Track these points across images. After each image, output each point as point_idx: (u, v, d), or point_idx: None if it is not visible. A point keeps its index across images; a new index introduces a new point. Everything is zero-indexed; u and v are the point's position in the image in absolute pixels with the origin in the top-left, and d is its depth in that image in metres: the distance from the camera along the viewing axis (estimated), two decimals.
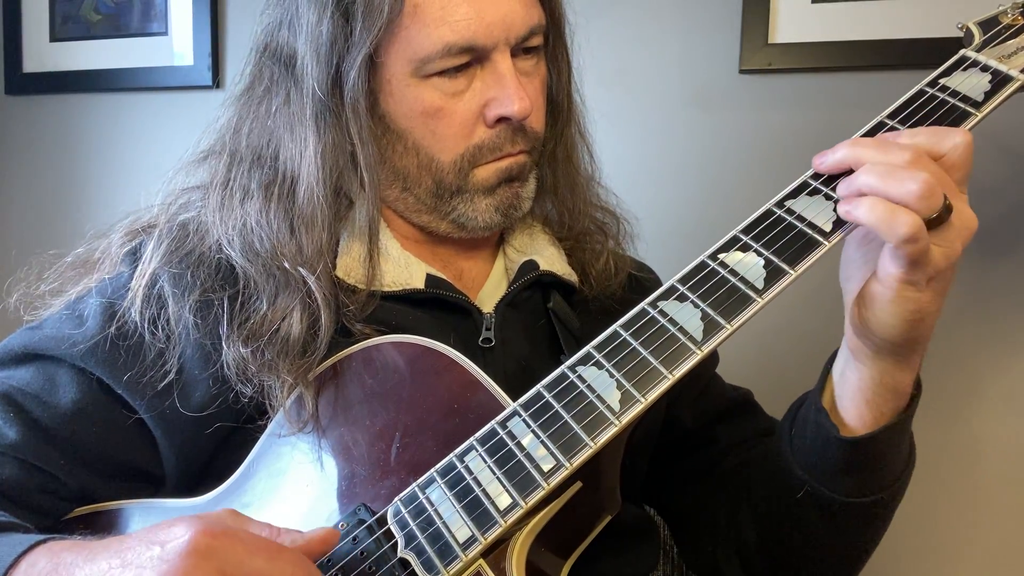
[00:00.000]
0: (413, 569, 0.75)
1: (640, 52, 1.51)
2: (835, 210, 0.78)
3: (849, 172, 0.78)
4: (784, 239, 0.78)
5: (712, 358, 1.12)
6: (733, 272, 0.78)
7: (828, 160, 0.80)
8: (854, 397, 0.85)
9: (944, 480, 1.34)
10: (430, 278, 0.96)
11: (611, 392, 0.76)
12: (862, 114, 0.86)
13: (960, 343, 1.32)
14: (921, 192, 0.72)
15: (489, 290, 1.03)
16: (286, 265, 0.90)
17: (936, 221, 0.73)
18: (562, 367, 0.79)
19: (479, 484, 0.76)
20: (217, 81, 1.79)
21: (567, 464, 0.74)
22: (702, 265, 0.80)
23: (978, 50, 0.88)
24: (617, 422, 0.74)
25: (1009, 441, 1.31)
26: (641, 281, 1.13)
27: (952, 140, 0.76)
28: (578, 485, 0.78)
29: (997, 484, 1.32)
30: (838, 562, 0.95)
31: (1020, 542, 1.32)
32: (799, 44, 1.41)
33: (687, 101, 1.49)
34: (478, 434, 0.79)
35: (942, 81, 0.85)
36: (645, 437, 1.05)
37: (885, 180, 0.74)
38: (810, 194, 0.80)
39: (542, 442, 0.76)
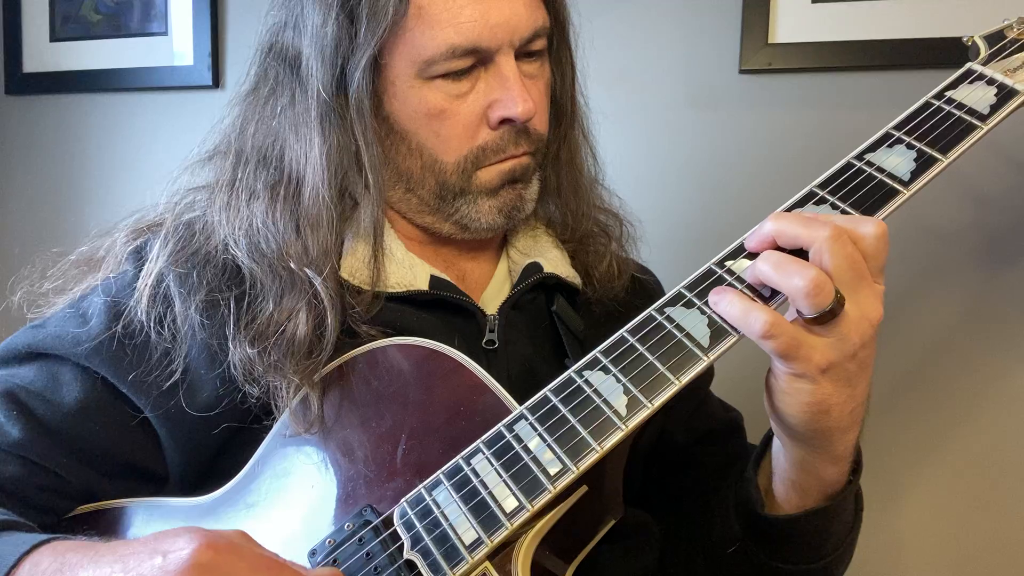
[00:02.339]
0: (419, 571, 0.75)
1: (640, 52, 1.51)
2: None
3: None
4: None
5: (708, 372, 1.12)
6: (740, 279, 0.78)
7: (756, 237, 0.79)
8: (782, 479, 0.87)
9: (950, 483, 1.35)
10: (434, 279, 0.97)
11: (618, 397, 0.76)
12: (862, 114, 0.86)
13: (966, 349, 1.32)
14: (807, 289, 0.71)
15: (492, 292, 1.04)
16: (292, 266, 0.90)
17: (826, 316, 0.72)
18: (569, 371, 0.79)
19: (486, 487, 0.76)
20: (217, 81, 1.79)
21: (574, 468, 0.74)
22: (709, 272, 0.80)
23: (984, 63, 0.89)
24: (623, 427, 0.75)
25: (1016, 445, 1.31)
26: (644, 283, 1.13)
27: (863, 230, 0.75)
28: (584, 489, 0.78)
29: (1004, 487, 1.32)
30: None
31: None
32: (799, 44, 1.41)
33: (687, 101, 1.49)
34: (485, 437, 0.79)
35: (948, 94, 0.85)
36: (647, 443, 1.05)
37: (776, 271, 0.74)
38: (816, 203, 0.81)
39: (549, 446, 0.76)
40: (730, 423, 1.14)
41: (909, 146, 0.82)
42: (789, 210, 0.81)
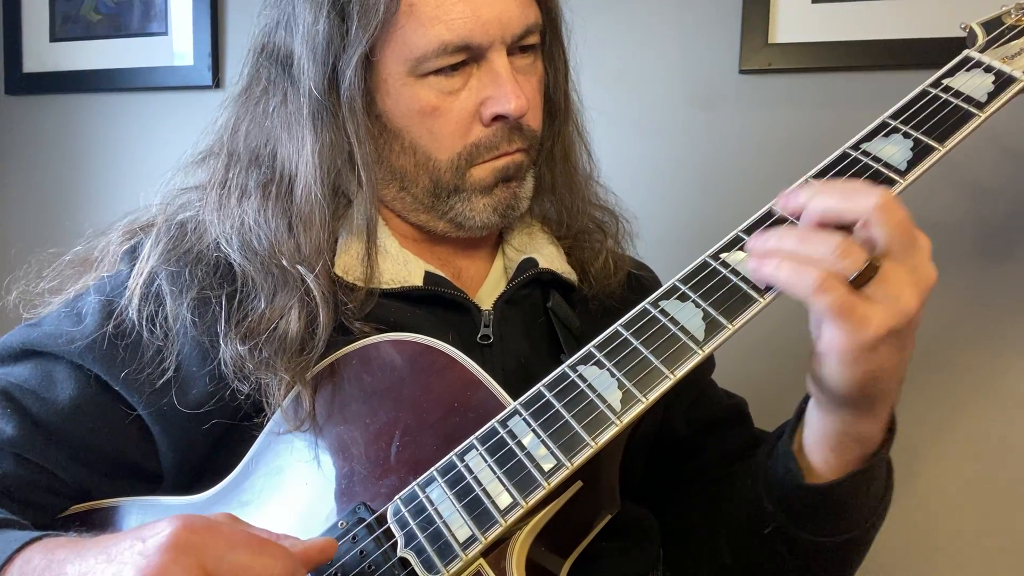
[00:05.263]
0: (413, 568, 0.75)
1: (640, 52, 1.51)
2: None
3: None
4: None
5: (708, 362, 1.11)
6: (735, 272, 0.77)
7: (791, 203, 0.79)
8: (819, 443, 0.84)
9: (948, 480, 1.34)
10: (428, 275, 0.96)
11: (612, 392, 0.76)
12: (862, 114, 0.85)
13: (963, 343, 1.32)
14: (828, 253, 0.71)
15: (488, 288, 1.03)
16: (284, 263, 0.90)
17: (862, 278, 0.71)
18: (563, 366, 0.79)
19: (479, 483, 0.76)
20: (217, 81, 1.79)
21: (568, 464, 0.74)
22: (704, 265, 0.79)
23: (981, 50, 0.88)
24: (618, 422, 0.74)
25: (1014, 441, 1.31)
26: (640, 280, 1.13)
27: (860, 205, 0.73)
28: (578, 484, 0.78)
29: (1001, 484, 1.32)
30: None
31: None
32: (799, 44, 1.41)
33: (687, 101, 1.49)
34: (478, 433, 0.78)
35: (945, 82, 0.84)
36: (644, 437, 1.05)
37: (798, 242, 0.74)
38: None
39: (543, 441, 0.75)
40: (734, 410, 1.13)
41: (906, 135, 0.81)
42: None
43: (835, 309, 0.71)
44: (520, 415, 0.78)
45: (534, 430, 0.76)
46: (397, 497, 0.79)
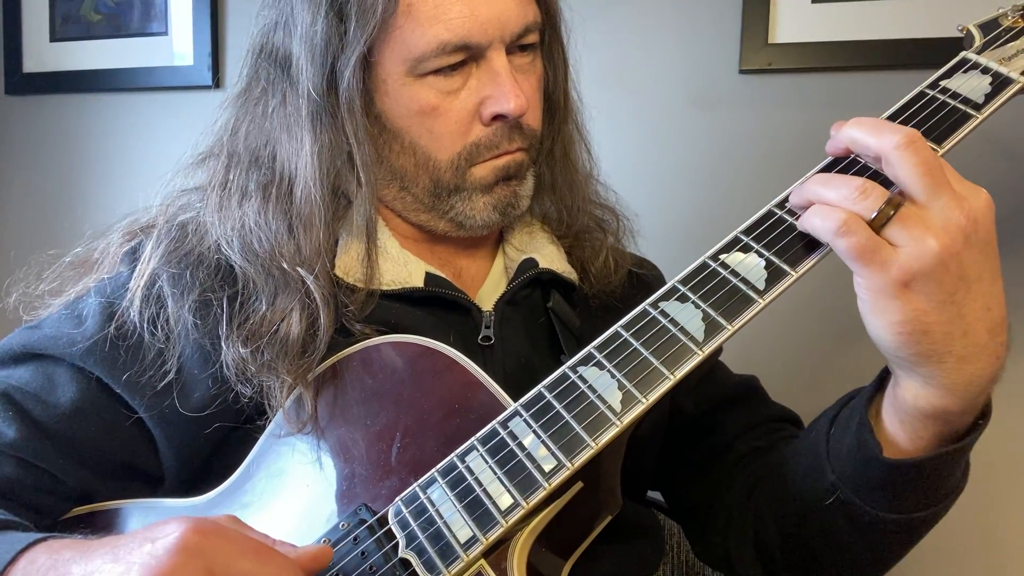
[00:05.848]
0: (414, 569, 0.75)
1: (640, 52, 1.51)
2: None
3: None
4: (786, 240, 0.78)
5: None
6: (734, 273, 0.77)
7: (833, 143, 0.80)
8: (888, 413, 0.81)
9: None
10: (429, 276, 0.96)
11: (612, 393, 0.76)
12: (862, 114, 0.85)
13: None
14: (848, 195, 0.72)
15: (488, 288, 1.03)
16: (284, 265, 0.90)
17: (880, 218, 0.71)
18: (563, 367, 0.79)
19: (480, 484, 0.76)
20: (217, 81, 1.79)
21: (568, 464, 0.74)
22: (703, 266, 0.79)
23: (978, 52, 0.87)
24: (618, 423, 0.74)
25: (1009, 441, 1.30)
26: (642, 277, 1.12)
27: (882, 142, 0.73)
28: (579, 485, 0.78)
29: (996, 483, 1.32)
30: (862, 568, 0.92)
31: (1019, 540, 1.32)
32: (799, 44, 1.41)
33: (687, 101, 1.49)
34: (479, 434, 0.78)
35: (943, 83, 0.84)
36: (651, 435, 1.05)
37: (822, 186, 0.74)
38: None
39: (543, 442, 0.75)
40: (745, 385, 1.12)
41: None
42: (787, 196, 0.80)
43: (854, 251, 0.70)
44: (521, 416, 0.78)
45: (535, 431, 0.76)
46: (398, 498, 0.79)
